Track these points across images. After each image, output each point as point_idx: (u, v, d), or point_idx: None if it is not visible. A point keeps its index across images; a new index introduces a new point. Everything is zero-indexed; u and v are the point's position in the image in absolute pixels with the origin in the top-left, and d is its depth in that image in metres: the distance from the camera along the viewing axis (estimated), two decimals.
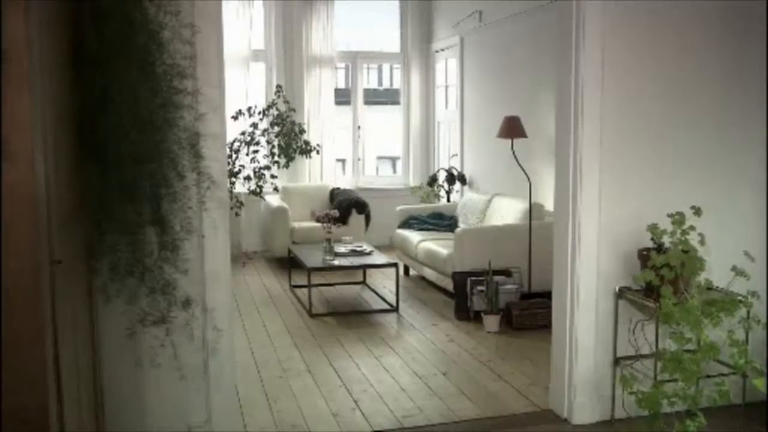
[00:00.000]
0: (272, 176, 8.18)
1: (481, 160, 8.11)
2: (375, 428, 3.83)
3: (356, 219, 7.95)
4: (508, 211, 6.53)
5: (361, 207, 8.01)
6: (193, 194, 3.15)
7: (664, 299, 3.27)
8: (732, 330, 3.27)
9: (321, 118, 8.95)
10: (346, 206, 7.87)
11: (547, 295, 4.64)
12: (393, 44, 9.61)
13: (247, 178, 8.00)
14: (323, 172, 8.97)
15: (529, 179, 6.03)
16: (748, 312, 3.39)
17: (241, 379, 4.28)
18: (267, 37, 8.84)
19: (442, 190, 8.65)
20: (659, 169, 3.81)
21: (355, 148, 9.52)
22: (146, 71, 2.82)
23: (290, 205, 8.07)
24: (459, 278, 5.82)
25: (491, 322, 5.47)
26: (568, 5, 3.67)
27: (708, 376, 3.38)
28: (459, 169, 8.50)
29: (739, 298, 3.42)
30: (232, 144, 7.91)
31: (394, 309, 6.14)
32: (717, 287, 3.55)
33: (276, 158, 8.28)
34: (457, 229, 6.33)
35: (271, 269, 7.92)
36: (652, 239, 3.55)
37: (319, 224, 6.72)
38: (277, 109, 8.33)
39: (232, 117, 7.72)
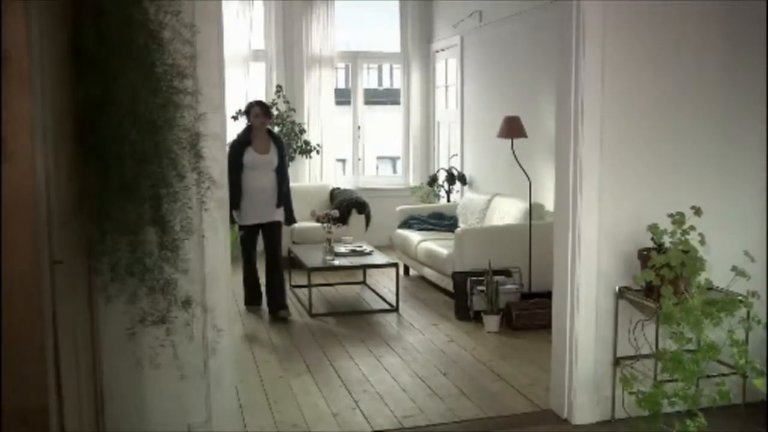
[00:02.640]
0: None
1: (481, 160, 8.11)
2: (375, 428, 3.83)
3: (356, 219, 7.95)
4: (508, 211, 6.53)
5: (361, 207, 8.01)
6: (193, 194, 3.15)
7: (664, 299, 3.27)
8: (732, 330, 3.27)
9: (321, 118, 8.95)
10: (346, 206, 7.87)
11: (547, 295, 4.64)
12: (393, 44, 9.60)
13: None
14: (323, 172, 8.97)
15: (529, 179, 6.03)
16: (749, 312, 3.39)
17: (241, 379, 4.28)
18: (267, 37, 8.83)
19: (442, 190, 8.65)
20: (659, 169, 3.81)
21: (355, 148, 9.52)
22: (146, 71, 2.83)
23: None
24: (459, 278, 5.82)
25: (491, 322, 5.46)
26: (568, 5, 3.67)
27: (708, 376, 3.37)
28: (459, 169, 8.49)
29: (739, 298, 3.42)
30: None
31: (394, 309, 6.14)
32: (717, 287, 3.55)
33: None
34: (457, 229, 6.33)
35: None
36: (652, 239, 3.55)
37: (319, 224, 6.72)
38: (277, 109, 8.33)
39: (232, 117, 7.72)
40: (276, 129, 8.31)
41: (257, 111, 5.85)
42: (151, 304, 3.01)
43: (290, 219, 6.07)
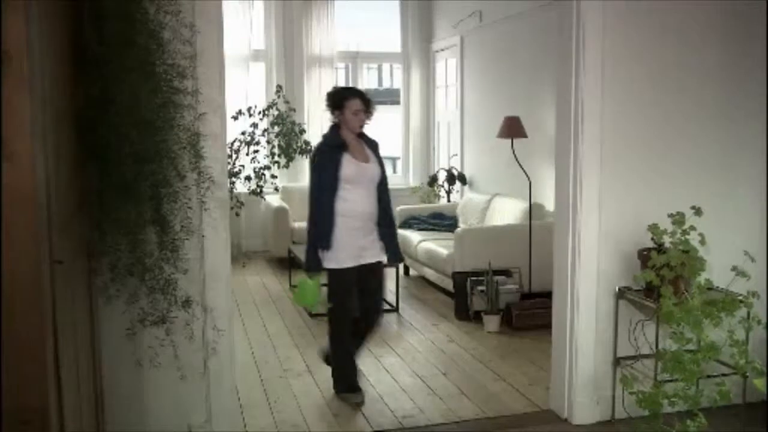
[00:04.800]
0: (272, 176, 8.18)
1: (481, 160, 8.11)
2: (375, 428, 3.83)
3: None
4: (508, 211, 6.53)
5: None
6: (193, 194, 3.15)
7: (664, 299, 3.27)
8: (732, 330, 3.27)
9: (321, 118, 8.94)
10: None
11: (547, 295, 4.64)
12: (393, 44, 9.61)
13: (248, 178, 8.00)
14: None
15: (529, 179, 6.03)
16: (749, 312, 3.39)
17: (241, 379, 4.28)
18: (267, 37, 8.84)
19: (442, 190, 8.65)
20: (659, 169, 3.81)
21: None
22: (146, 71, 2.83)
23: (290, 205, 8.07)
24: (459, 278, 5.82)
25: (491, 322, 5.46)
26: (568, 5, 3.66)
27: (708, 376, 3.37)
28: (459, 169, 8.49)
29: (739, 298, 3.42)
30: (232, 144, 7.91)
31: (394, 309, 6.14)
32: (717, 287, 3.55)
33: (276, 158, 8.28)
34: (457, 229, 6.33)
35: (271, 269, 7.92)
36: (652, 239, 3.55)
37: None
38: (277, 109, 8.33)
39: (232, 117, 7.71)
40: (276, 129, 8.30)
41: (358, 106, 3.99)
42: (151, 304, 3.01)
43: (398, 254, 4.21)
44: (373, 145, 4.14)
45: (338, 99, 4.01)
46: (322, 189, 3.92)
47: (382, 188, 4.11)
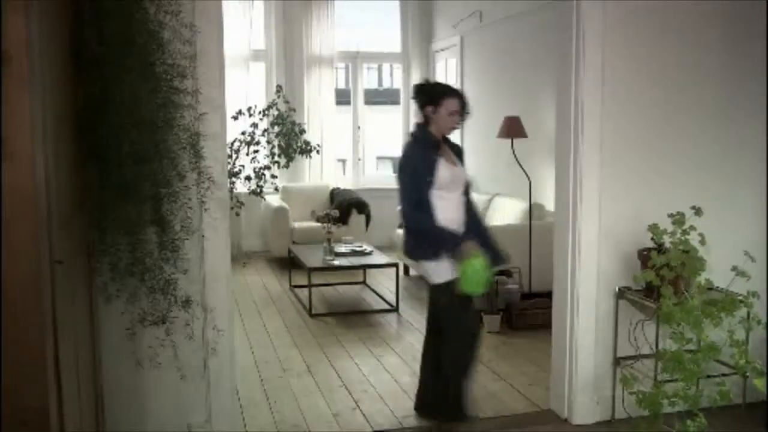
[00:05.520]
0: (272, 176, 8.18)
1: (481, 160, 8.10)
2: (375, 428, 3.83)
3: (356, 219, 7.95)
4: (508, 211, 6.53)
5: (361, 207, 8.01)
6: (193, 194, 3.15)
7: (664, 299, 3.27)
8: (732, 330, 3.27)
9: (321, 118, 8.95)
10: (346, 206, 7.87)
11: (547, 295, 4.64)
12: (393, 44, 9.61)
13: (248, 178, 8.00)
14: (323, 172, 8.98)
15: (529, 179, 6.02)
16: (749, 312, 3.39)
17: (241, 379, 4.28)
18: (267, 37, 8.84)
19: None
20: (659, 169, 3.81)
21: (355, 148, 9.52)
22: (146, 71, 2.83)
23: (290, 205, 8.08)
24: None
25: (491, 322, 5.46)
26: (568, 5, 3.66)
27: (708, 376, 3.37)
28: None
29: (740, 298, 3.42)
30: (232, 144, 7.91)
31: (394, 309, 6.14)
32: (717, 287, 3.55)
33: (276, 158, 8.28)
34: None
35: (271, 269, 7.92)
36: (652, 239, 3.55)
37: (319, 224, 6.72)
38: (277, 109, 8.33)
39: (232, 117, 7.71)
40: (276, 129, 8.30)
41: (455, 106, 3.56)
42: (151, 304, 3.01)
43: (500, 256, 3.75)
44: (458, 150, 3.74)
45: (436, 95, 3.56)
46: (422, 194, 3.51)
47: (468, 194, 3.74)
